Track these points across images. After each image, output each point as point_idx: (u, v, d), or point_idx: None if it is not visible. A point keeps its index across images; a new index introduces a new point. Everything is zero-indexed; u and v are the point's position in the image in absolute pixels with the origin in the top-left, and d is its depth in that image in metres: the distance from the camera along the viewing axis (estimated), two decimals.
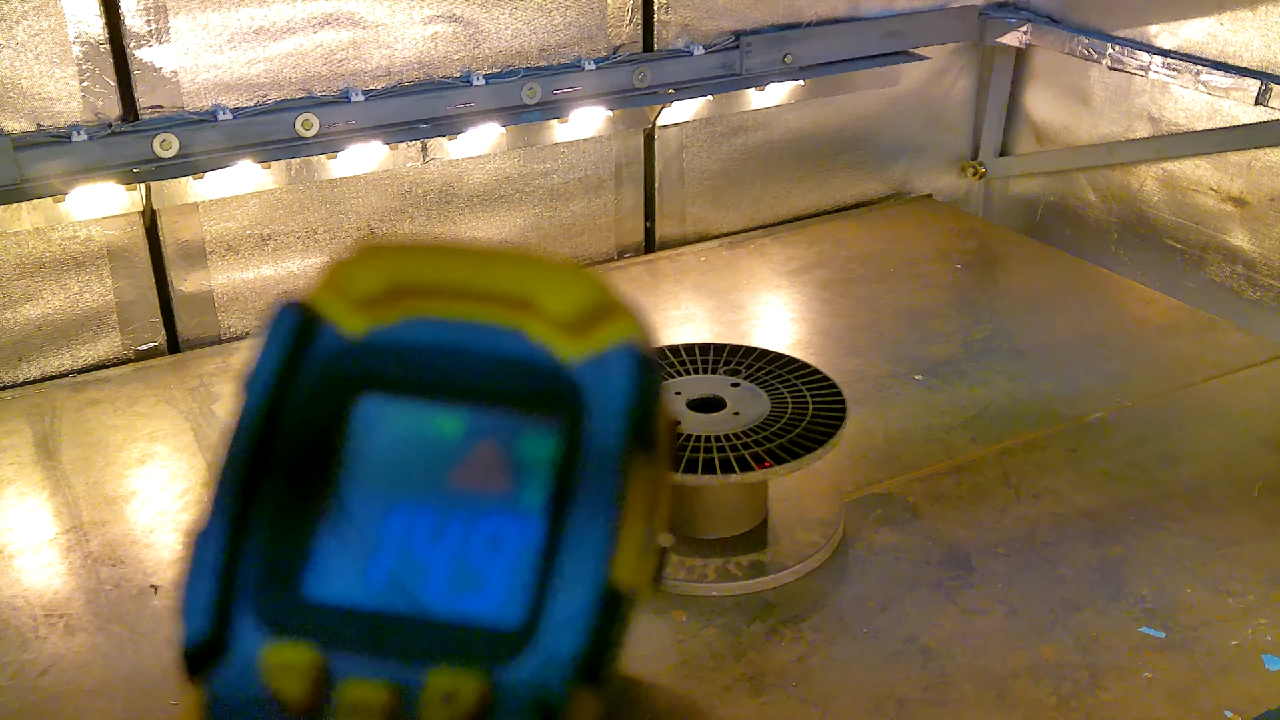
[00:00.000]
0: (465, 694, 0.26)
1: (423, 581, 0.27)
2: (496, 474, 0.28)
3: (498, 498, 0.28)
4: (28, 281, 1.69)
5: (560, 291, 0.29)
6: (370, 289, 0.29)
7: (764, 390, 1.32)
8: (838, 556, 1.31)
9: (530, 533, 0.27)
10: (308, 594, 0.27)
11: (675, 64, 2.00)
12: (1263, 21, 1.88)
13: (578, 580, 0.26)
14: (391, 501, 0.28)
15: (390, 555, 0.27)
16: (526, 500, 0.28)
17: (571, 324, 0.29)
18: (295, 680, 0.26)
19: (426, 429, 0.28)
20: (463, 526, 0.28)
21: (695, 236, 2.17)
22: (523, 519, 0.27)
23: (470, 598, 0.27)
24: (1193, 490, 1.41)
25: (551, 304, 0.29)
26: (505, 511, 0.28)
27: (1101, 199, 2.22)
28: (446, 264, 0.29)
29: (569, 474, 0.27)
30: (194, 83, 1.70)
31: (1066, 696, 1.11)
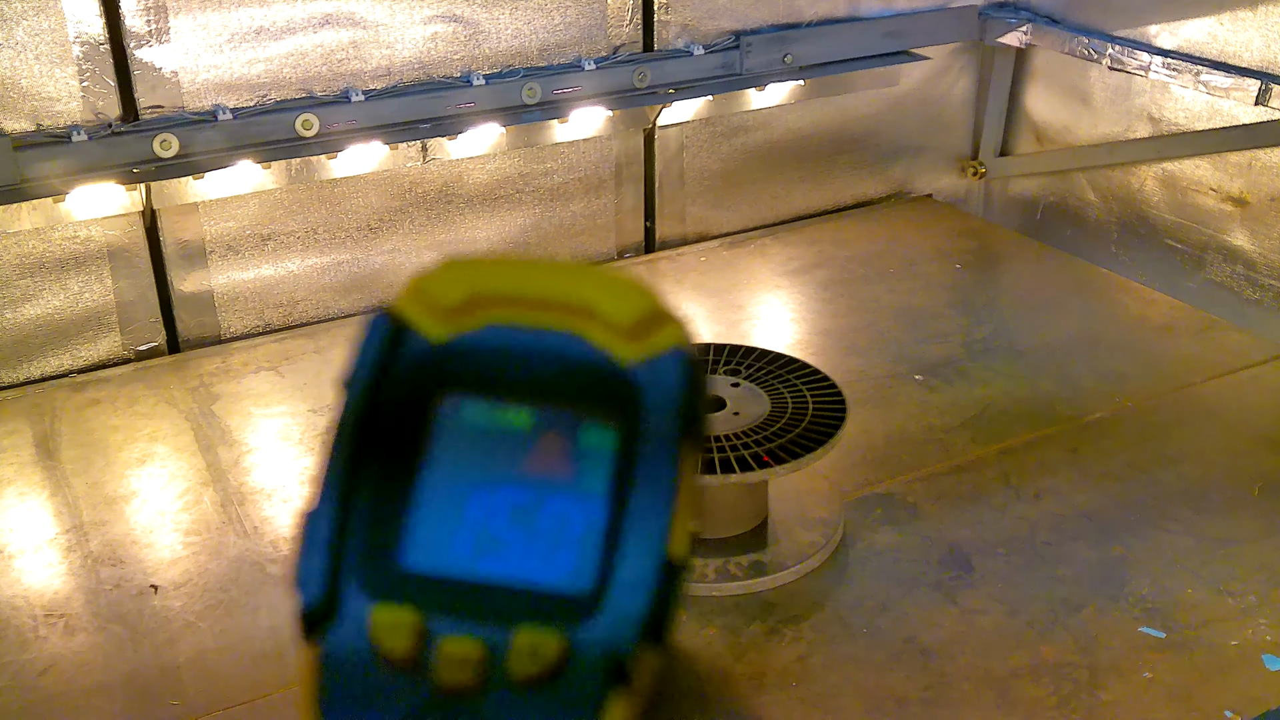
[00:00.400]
0: (547, 649, 0.30)
1: (501, 554, 0.31)
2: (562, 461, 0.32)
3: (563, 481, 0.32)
4: (28, 281, 1.69)
5: (618, 301, 0.33)
6: (451, 299, 0.33)
7: (764, 390, 1.32)
8: (838, 556, 1.31)
9: (593, 512, 0.31)
10: (404, 564, 0.31)
11: (675, 64, 2.00)
12: (1263, 21, 1.88)
13: (641, 553, 0.30)
14: (472, 485, 0.32)
15: (472, 531, 0.31)
16: (588, 484, 0.32)
17: (628, 330, 0.32)
18: (400, 638, 0.30)
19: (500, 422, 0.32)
20: (534, 506, 0.31)
21: (695, 236, 2.17)
22: (586, 500, 0.31)
23: (542, 568, 0.31)
24: (1193, 490, 1.41)
25: (611, 312, 0.32)
26: (570, 493, 0.32)
27: (1101, 199, 2.22)
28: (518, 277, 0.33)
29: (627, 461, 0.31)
30: (194, 83, 1.70)
31: (1066, 696, 1.11)
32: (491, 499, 0.32)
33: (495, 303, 0.33)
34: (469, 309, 0.33)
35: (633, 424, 0.32)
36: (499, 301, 0.33)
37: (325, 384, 1.71)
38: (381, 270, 1.93)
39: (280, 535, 1.38)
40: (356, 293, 1.92)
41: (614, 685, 0.30)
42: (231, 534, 1.38)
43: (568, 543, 0.31)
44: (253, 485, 1.48)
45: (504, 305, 0.33)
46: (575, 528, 0.31)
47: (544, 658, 0.30)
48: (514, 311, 0.33)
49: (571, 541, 0.31)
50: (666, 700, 1.00)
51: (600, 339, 0.33)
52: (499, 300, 0.33)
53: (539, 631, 0.30)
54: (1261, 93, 1.86)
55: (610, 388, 0.32)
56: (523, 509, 0.32)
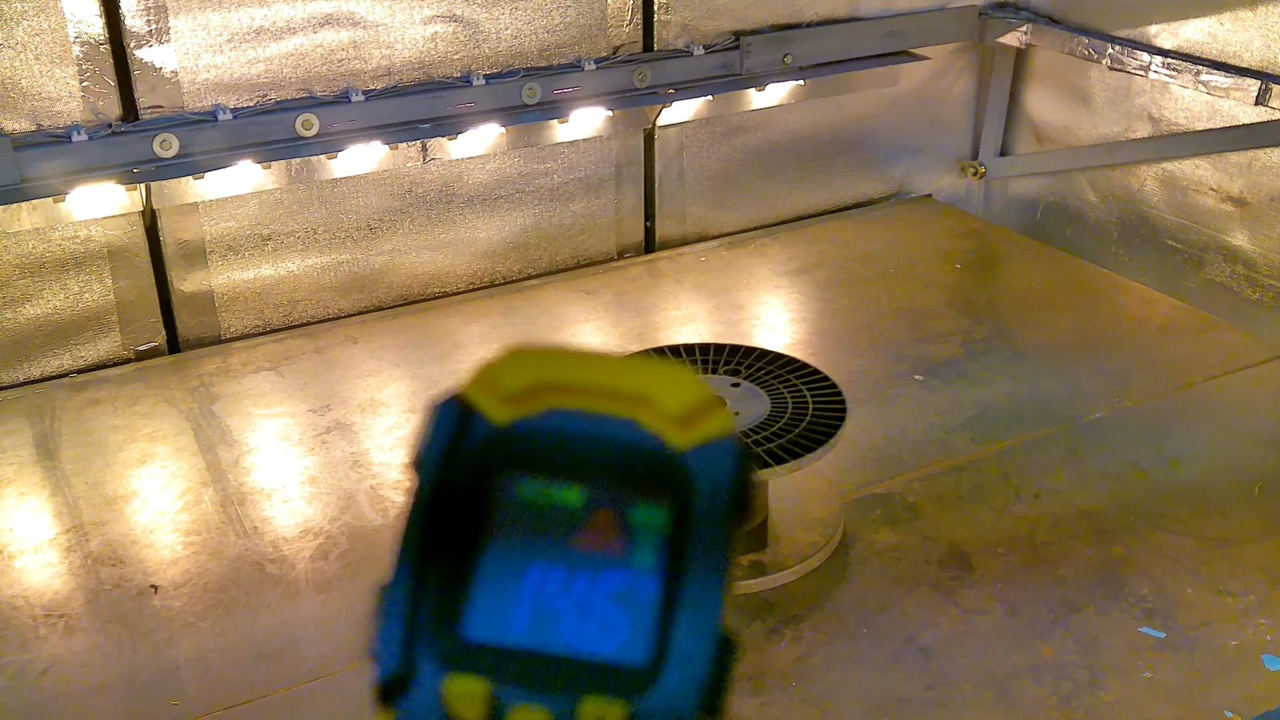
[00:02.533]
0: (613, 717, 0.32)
1: (558, 626, 0.34)
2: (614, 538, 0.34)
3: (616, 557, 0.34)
4: (28, 281, 1.69)
5: (672, 391, 0.35)
6: (515, 386, 0.36)
7: (764, 390, 1.32)
8: (838, 556, 1.31)
9: (645, 586, 0.34)
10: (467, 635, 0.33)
11: (675, 64, 2.00)
12: (1263, 21, 1.88)
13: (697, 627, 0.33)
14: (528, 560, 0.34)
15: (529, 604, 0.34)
16: (640, 561, 0.34)
17: (681, 418, 0.35)
18: (472, 707, 0.32)
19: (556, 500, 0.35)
20: (587, 581, 0.34)
21: (695, 236, 2.17)
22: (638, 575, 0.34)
23: (597, 640, 0.33)
24: (1193, 490, 1.41)
25: (665, 401, 0.35)
26: (623, 569, 0.34)
27: (1101, 199, 2.22)
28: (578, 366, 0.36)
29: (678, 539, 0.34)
30: (194, 83, 1.70)
31: (1066, 696, 1.11)
32: (547, 574, 0.34)
33: (556, 389, 0.36)
34: (531, 395, 0.36)
35: (683, 504, 0.34)
36: (559, 388, 0.36)
37: (325, 384, 1.71)
38: (381, 270, 1.93)
39: (280, 535, 1.38)
40: (356, 293, 1.92)
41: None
42: (231, 534, 1.38)
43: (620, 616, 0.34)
44: (253, 485, 1.48)
45: (564, 392, 0.36)
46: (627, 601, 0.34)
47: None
48: (573, 398, 0.36)
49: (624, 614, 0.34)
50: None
51: (654, 425, 0.35)
52: (560, 387, 0.36)
53: (603, 701, 0.32)
54: (1261, 93, 1.86)
55: (662, 470, 0.35)
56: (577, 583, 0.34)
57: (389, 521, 1.40)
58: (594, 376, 0.36)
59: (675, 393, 0.35)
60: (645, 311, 1.91)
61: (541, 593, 0.34)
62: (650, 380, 0.36)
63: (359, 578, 1.31)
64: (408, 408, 1.64)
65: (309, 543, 1.37)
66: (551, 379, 0.36)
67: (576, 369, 0.36)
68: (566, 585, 0.34)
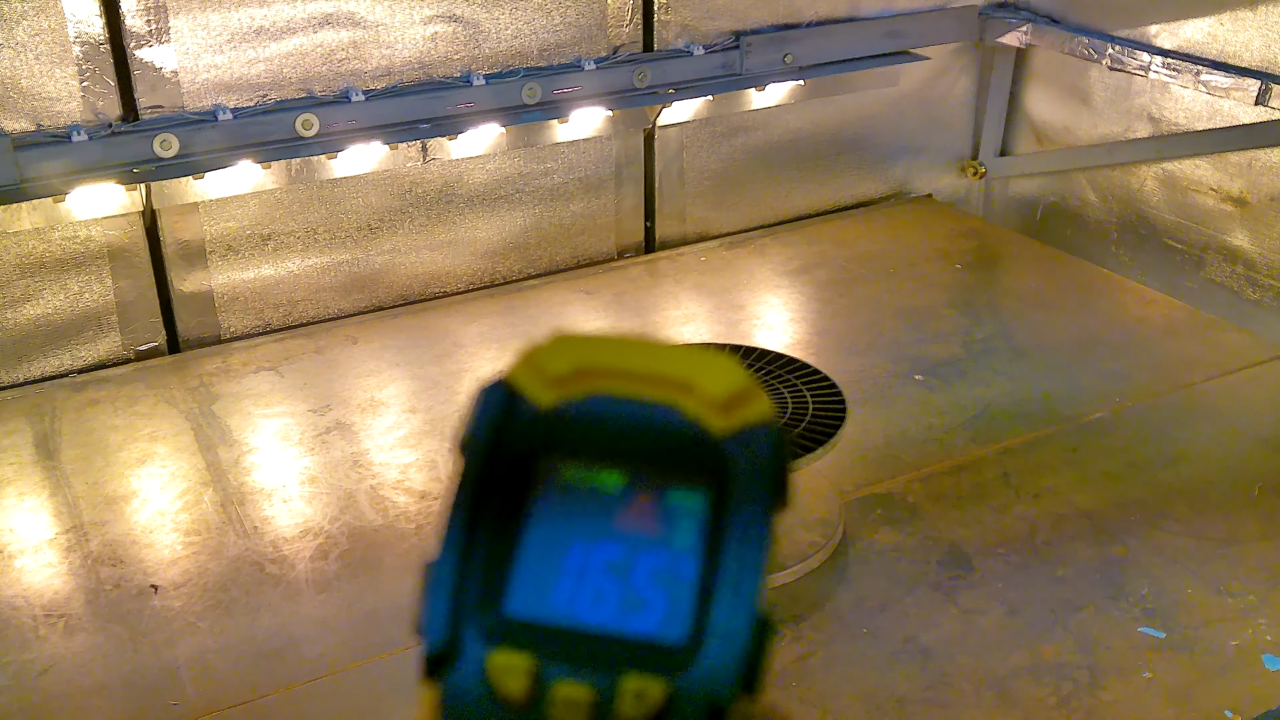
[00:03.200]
0: (653, 693, 0.33)
1: (598, 604, 0.34)
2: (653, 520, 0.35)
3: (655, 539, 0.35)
4: (28, 281, 1.69)
5: (713, 377, 0.36)
6: (559, 370, 0.37)
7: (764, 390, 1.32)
8: (838, 556, 1.31)
9: (684, 568, 0.35)
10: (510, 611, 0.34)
11: (675, 64, 2.00)
12: (1263, 21, 1.88)
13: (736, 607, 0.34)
14: (570, 540, 0.35)
15: (570, 582, 0.35)
16: (679, 542, 0.35)
17: (721, 404, 0.36)
18: (516, 680, 0.33)
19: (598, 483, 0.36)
20: (628, 561, 0.35)
21: (695, 236, 2.17)
22: (677, 556, 0.35)
23: (637, 618, 0.34)
24: (1193, 490, 1.41)
25: (706, 387, 0.36)
26: (662, 550, 0.35)
27: (1101, 199, 2.22)
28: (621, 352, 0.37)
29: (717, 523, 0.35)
30: (194, 83, 1.70)
31: (1066, 696, 1.11)
32: (588, 553, 0.35)
33: (599, 374, 0.37)
34: (575, 379, 0.37)
35: (723, 489, 0.35)
36: (603, 374, 0.37)
37: (325, 384, 1.71)
38: (381, 270, 1.93)
39: (280, 535, 1.38)
40: (356, 293, 1.92)
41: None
42: (231, 534, 1.38)
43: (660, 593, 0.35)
44: (253, 485, 1.48)
45: (607, 377, 0.37)
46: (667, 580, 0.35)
47: (649, 702, 0.33)
48: (616, 383, 0.37)
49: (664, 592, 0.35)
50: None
51: (694, 411, 0.36)
52: (603, 372, 0.37)
53: (644, 677, 0.33)
54: (1261, 93, 1.86)
55: (702, 455, 0.35)
56: (617, 563, 0.35)
57: (389, 521, 1.40)
58: (636, 362, 0.37)
59: (716, 379, 0.36)
60: (645, 311, 1.91)
61: (583, 572, 0.35)
62: (691, 366, 0.36)
63: (359, 578, 1.31)
64: (408, 408, 1.64)
65: (309, 543, 1.37)
66: (595, 364, 0.37)
67: (619, 355, 0.37)
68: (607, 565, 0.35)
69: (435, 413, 1.63)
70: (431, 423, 1.60)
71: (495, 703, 0.33)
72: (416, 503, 1.43)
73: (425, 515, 1.41)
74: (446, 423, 1.60)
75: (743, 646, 0.34)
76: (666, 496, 0.36)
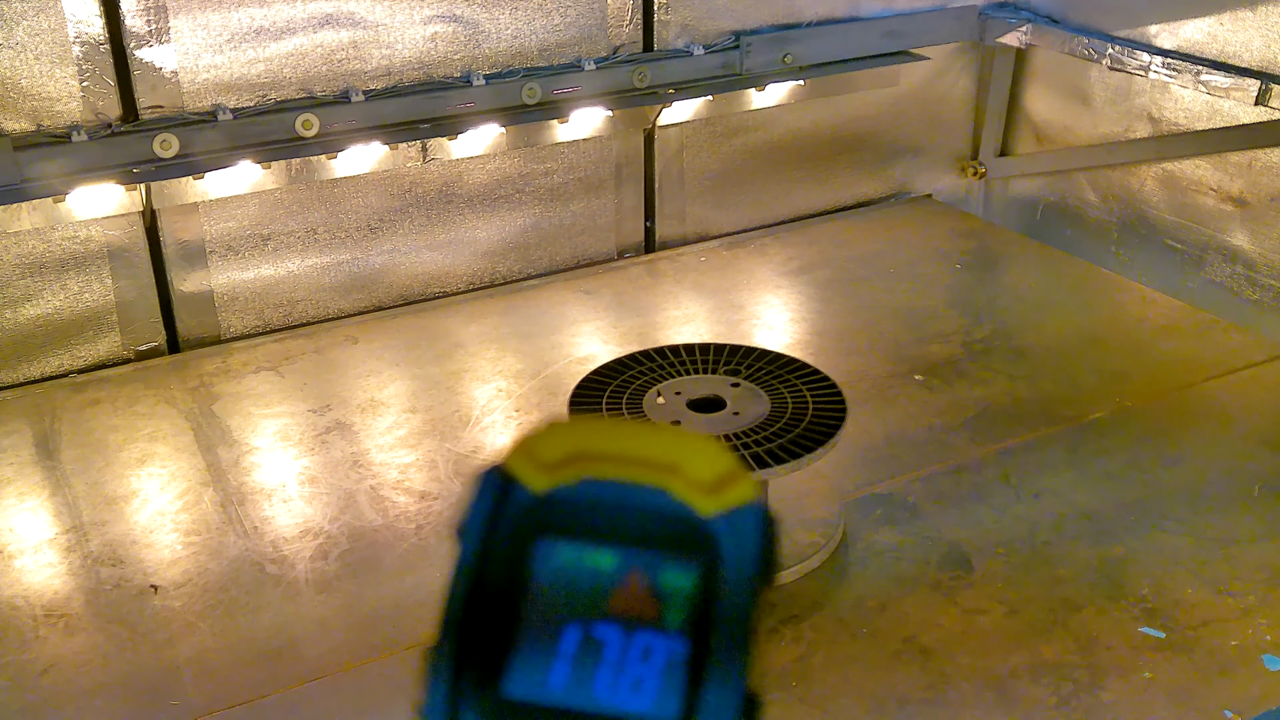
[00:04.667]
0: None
1: (593, 684, 0.35)
2: (645, 600, 0.36)
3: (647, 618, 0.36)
4: (28, 281, 1.69)
5: (700, 460, 0.38)
6: (553, 456, 0.38)
7: (764, 390, 1.32)
8: (838, 556, 1.31)
9: (675, 646, 0.36)
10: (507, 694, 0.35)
11: (675, 64, 2.00)
12: (1263, 21, 1.88)
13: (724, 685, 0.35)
14: (565, 621, 0.36)
15: (566, 664, 0.36)
16: (670, 621, 0.36)
17: (708, 486, 0.37)
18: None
19: (591, 564, 0.37)
20: (620, 642, 0.36)
21: (695, 236, 2.17)
22: (668, 636, 0.36)
23: (630, 696, 0.35)
24: (1193, 490, 1.41)
25: (693, 470, 0.37)
26: (654, 629, 0.36)
27: (1101, 199, 2.22)
28: (612, 437, 0.39)
29: (706, 602, 0.36)
30: (194, 83, 1.70)
31: (1066, 696, 1.11)
32: (583, 634, 0.36)
33: (591, 459, 0.38)
34: (567, 464, 0.38)
35: (711, 568, 0.37)
36: (594, 458, 0.38)
37: (325, 384, 1.71)
38: (381, 270, 1.93)
39: (280, 535, 1.38)
40: (356, 293, 1.92)
41: None
42: (231, 534, 1.38)
43: (652, 673, 0.36)
44: (253, 485, 1.48)
45: (599, 461, 0.38)
46: (659, 660, 0.36)
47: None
48: (607, 467, 0.38)
49: (656, 672, 0.36)
50: None
51: (683, 493, 0.37)
52: (594, 457, 0.38)
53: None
54: (1261, 93, 1.86)
55: (691, 536, 0.37)
56: (611, 643, 0.36)
57: (389, 521, 1.40)
58: (626, 446, 0.38)
59: (703, 462, 0.38)
60: (645, 311, 1.91)
61: (577, 653, 0.36)
62: (679, 450, 0.38)
63: (359, 578, 1.31)
64: (408, 408, 1.64)
65: (309, 543, 1.37)
66: (586, 449, 0.38)
67: (610, 439, 0.39)
68: (601, 646, 0.36)
69: (435, 413, 1.63)
70: (431, 423, 1.60)
71: None
72: (416, 503, 1.43)
73: (425, 515, 1.41)
74: (446, 423, 1.60)
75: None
76: (658, 576, 0.37)
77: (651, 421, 1.22)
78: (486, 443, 1.56)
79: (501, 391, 1.68)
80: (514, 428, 1.58)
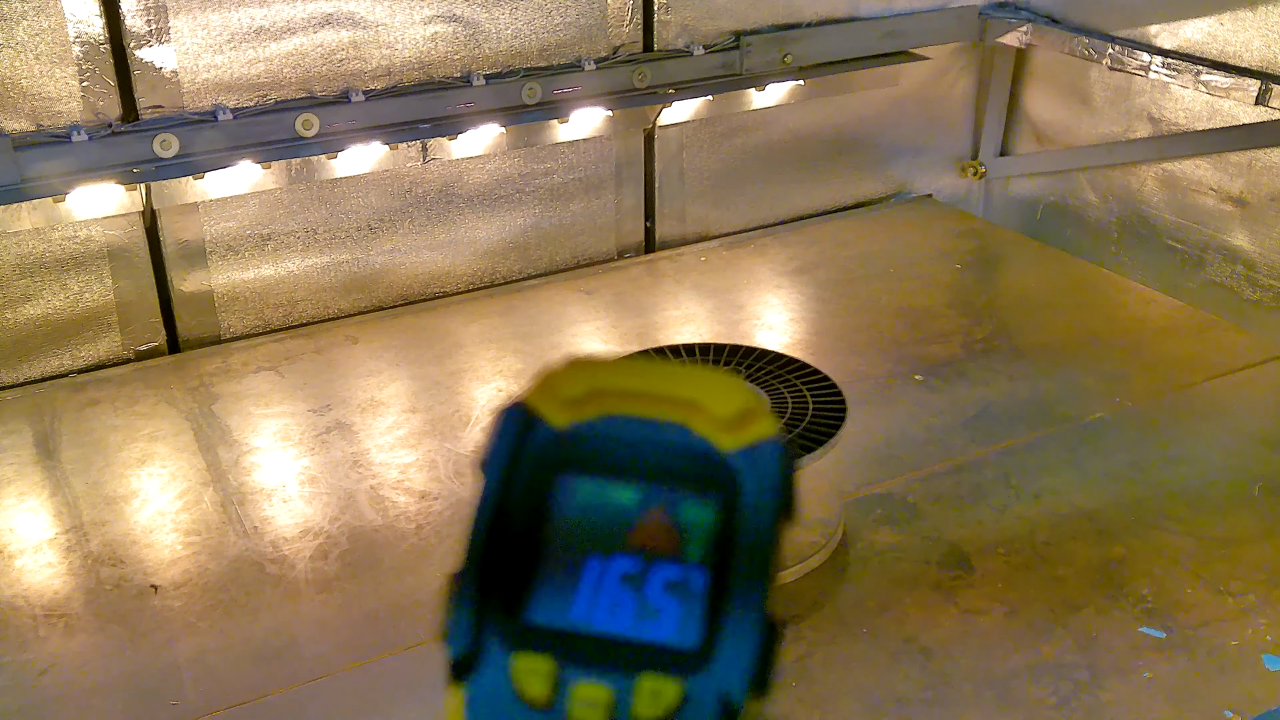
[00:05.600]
0: (668, 694, 0.35)
1: (614, 613, 0.36)
2: (665, 534, 0.37)
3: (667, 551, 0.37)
4: (28, 281, 1.69)
5: (721, 396, 0.38)
6: (574, 392, 0.38)
7: (764, 390, 1.32)
8: (838, 556, 1.31)
9: (695, 578, 0.36)
10: (531, 620, 0.36)
11: (675, 64, 2.00)
12: (1263, 21, 1.88)
13: (745, 613, 0.35)
14: (586, 552, 0.37)
15: (588, 593, 0.37)
16: (690, 554, 0.37)
17: (729, 422, 0.37)
18: (538, 682, 0.35)
19: (611, 499, 0.38)
20: (641, 572, 0.37)
21: (695, 236, 2.17)
22: (688, 568, 0.37)
23: (651, 626, 0.36)
24: (1193, 490, 1.41)
25: (714, 406, 0.38)
26: (674, 562, 0.37)
27: (1101, 199, 2.22)
28: (634, 374, 0.39)
29: (727, 535, 0.37)
30: (194, 83, 1.70)
31: (1066, 696, 1.11)
32: (604, 565, 0.37)
33: (612, 396, 0.39)
34: (589, 401, 0.38)
35: (731, 503, 0.37)
36: (615, 395, 0.39)
37: (325, 384, 1.71)
38: (381, 270, 1.93)
39: (280, 535, 1.38)
40: (356, 293, 1.92)
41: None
42: (231, 534, 1.38)
43: (673, 603, 0.36)
44: (253, 485, 1.48)
45: (620, 398, 0.39)
46: (680, 591, 0.36)
47: (664, 701, 0.35)
48: (628, 403, 0.38)
49: (677, 602, 0.36)
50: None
51: (703, 429, 0.38)
52: (615, 394, 0.39)
53: (659, 678, 0.35)
54: (1261, 93, 1.86)
55: (711, 471, 0.37)
56: (632, 575, 0.37)
57: (389, 521, 1.40)
58: (648, 383, 0.39)
59: (724, 398, 0.38)
60: (645, 311, 1.91)
61: (599, 584, 0.37)
62: (700, 386, 0.38)
63: (359, 578, 1.31)
64: (408, 408, 1.64)
65: (309, 543, 1.37)
66: (608, 386, 0.39)
67: (631, 376, 0.39)
68: (622, 577, 0.37)
69: (435, 413, 1.63)
70: (431, 423, 1.60)
71: (518, 703, 0.35)
72: (416, 503, 1.43)
73: (425, 515, 1.41)
74: (446, 423, 1.60)
75: (752, 650, 0.35)
76: (678, 511, 0.37)
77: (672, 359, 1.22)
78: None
79: (501, 391, 1.68)
80: None
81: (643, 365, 0.39)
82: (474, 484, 0.37)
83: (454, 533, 1.38)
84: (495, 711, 0.36)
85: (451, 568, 0.36)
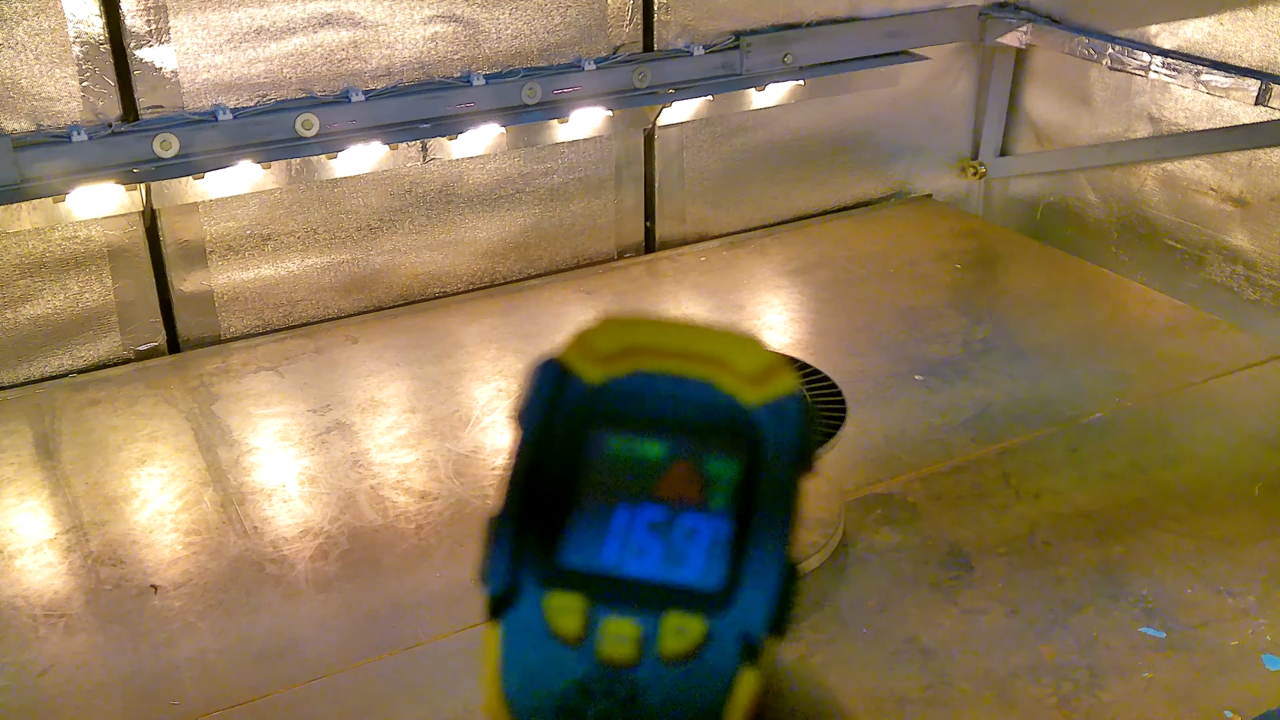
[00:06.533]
0: (693, 630, 0.37)
1: (642, 558, 0.39)
2: (691, 485, 0.39)
3: (693, 502, 0.39)
4: (28, 281, 1.69)
5: (745, 354, 0.40)
6: (607, 349, 0.41)
7: None
8: (838, 556, 1.31)
9: (720, 526, 0.39)
10: (564, 562, 0.39)
11: (675, 64, 2.00)
12: (1263, 21, 1.88)
13: (766, 557, 0.38)
14: (615, 501, 0.39)
15: (617, 539, 0.39)
16: (714, 504, 0.39)
17: (753, 378, 0.40)
18: (570, 619, 0.38)
19: (641, 452, 0.40)
20: (668, 521, 0.39)
21: (695, 236, 2.17)
22: (713, 517, 0.39)
23: (677, 570, 0.38)
24: (1193, 490, 1.41)
25: (738, 363, 0.40)
26: (699, 511, 0.39)
27: (1101, 199, 2.22)
28: (663, 332, 0.41)
29: (750, 486, 0.39)
30: (194, 83, 1.70)
31: (1066, 696, 1.11)
32: (633, 514, 0.39)
33: (643, 353, 0.41)
34: (621, 357, 0.41)
35: (755, 455, 0.39)
36: (646, 351, 0.41)
37: (325, 384, 1.71)
38: (381, 270, 1.93)
39: (280, 535, 1.38)
40: (356, 293, 1.92)
41: (746, 663, 0.37)
42: (231, 534, 1.38)
43: (698, 549, 0.39)
44: (253, 485, 1.48)
45: (650, 355, 0.41)
46: (704, 538, 0.39)
47: (689, 637, 0.37)
48: (658, 360, 0.41)
49: (701, 548, 0.39)
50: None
51: (728, 385, 0.40)
52: (646, 350, 0.41)
53: (684, 616, 0.37)
54: (1261, 93, 1.86)
55: (736, 425, 0.39)
56: (659, 523, 0.39)
57: (389, 521, 1.40)
58: (676, 341, 0.41)
59: (747, 356, 0.40)
60: (645, 311, 1.91)
61: (628, 530, 0.39)
62: (726, 344, 0.41)
63: (359, 578, 1.31)
64: (408, 408, 1.64)
65: (309, 543, 1.37)
66: (639, 343, 0.41)
67: (661, 334, 0.41)
68: (650, 525, 0.39)
69: (435, 413, 1.63)
70: (431, 423, 1.60)
71: (551, 638, 0.38)
72: (416, 503, 1.43)
73: (425, 515, 1.41)
74: (446, 423, 1.60)
75: (773, 591, 0.38)
76: (704, 463, 0.39)
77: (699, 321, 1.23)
78: (486, 443, 1.56)
79: (501, 391, 1.68)
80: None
81: (672, 324, 0.41)
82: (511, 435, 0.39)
83: (454, 533, 1.38)
84: (530, 646, 0.38)
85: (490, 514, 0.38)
